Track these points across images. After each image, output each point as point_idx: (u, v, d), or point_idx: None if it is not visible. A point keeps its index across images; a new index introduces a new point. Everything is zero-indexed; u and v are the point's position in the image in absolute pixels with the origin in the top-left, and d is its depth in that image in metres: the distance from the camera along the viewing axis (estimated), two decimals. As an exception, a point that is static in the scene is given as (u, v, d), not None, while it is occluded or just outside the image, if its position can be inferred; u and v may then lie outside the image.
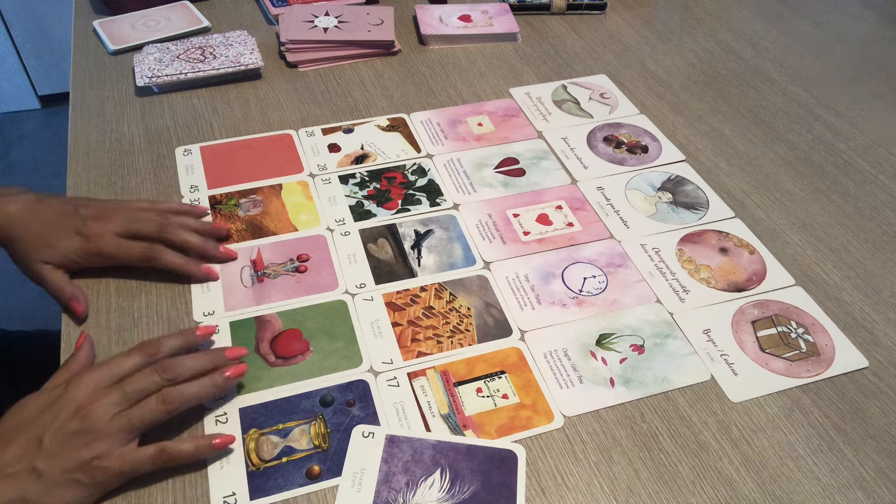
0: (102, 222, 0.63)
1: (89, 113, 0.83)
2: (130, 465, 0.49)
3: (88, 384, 0.50)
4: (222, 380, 0.53)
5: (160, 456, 0.49)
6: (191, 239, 0.64)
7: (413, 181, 0.75)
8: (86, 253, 0.62)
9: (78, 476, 0.47)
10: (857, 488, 0.52)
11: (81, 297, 0.62)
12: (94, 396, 0.50)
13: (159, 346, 0.54)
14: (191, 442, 0.51)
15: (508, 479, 0.51)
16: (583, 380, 0.58)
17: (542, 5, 1.03)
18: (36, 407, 0.50)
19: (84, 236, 0.62)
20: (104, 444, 0.48)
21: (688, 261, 0.68)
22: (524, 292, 0.64)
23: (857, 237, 0.71)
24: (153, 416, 0.50)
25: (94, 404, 0.49)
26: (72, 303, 0.61)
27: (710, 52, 0.97)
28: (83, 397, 0.49)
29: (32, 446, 0.48)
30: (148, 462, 0.49)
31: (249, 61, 0.87)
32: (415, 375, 0.58)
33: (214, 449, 0.51)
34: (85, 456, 0.47)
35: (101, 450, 0.48)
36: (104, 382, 0.51)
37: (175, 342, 0.55)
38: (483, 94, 0.88)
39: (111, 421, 0.49)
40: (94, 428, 0.48)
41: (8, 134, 2.05)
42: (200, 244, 0.65)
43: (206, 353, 0.55)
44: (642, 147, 0.81)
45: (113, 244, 0.62)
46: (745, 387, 0.58)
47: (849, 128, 0.85)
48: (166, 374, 0.52)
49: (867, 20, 1.05)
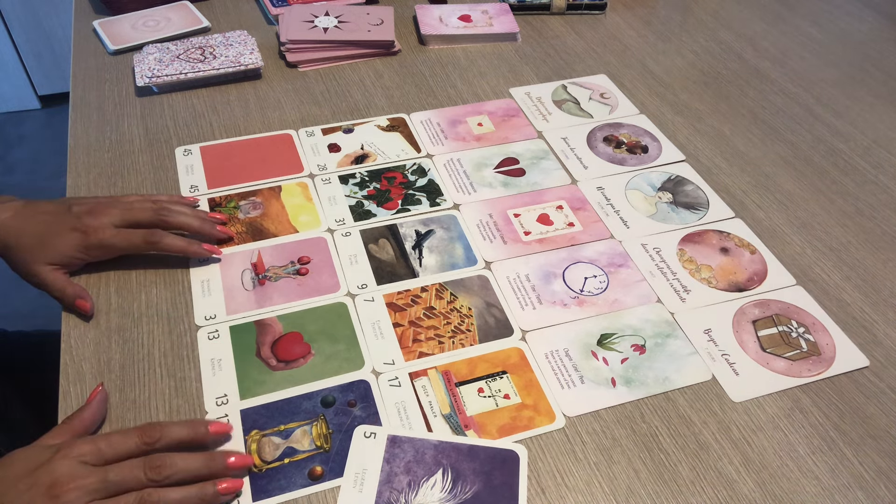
0: (98, 216, 0.62)
1: (89, 113, 0.83)
2: None
3: (73, 460, 0.47)
4: (212, 494, 0.49)
5: None
6: (188, 221, 0.65)
7: (413, 181, 0.75)
8: (86, 247, 0.62)
9: None
10: (857, 488, 0.52)
11: (86, 295, 0.61)
12: (73, 476, 0.47)
13: (161, 435, 0.50)
14: None
15: (510, 480, 0.51)
16: (584, 380, 0.58)
17: (542, 5, 1.03)
18: (19, 468, 0.48)
19: (81, 231, 0.61)
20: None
21: (689, 261, 0.68)
22: (525, 292, 0.64)
23: (857, 237, 0.71)
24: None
25: (71, 485, 0.46)
26: (77, 302, 0.61)
27: (710, 52, 0.98)
28: (62, 474, 0.47)
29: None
30: None
31: (249, 61, 0.87)
32: (416, 375, 0.58)
33: None
34: None
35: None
36: (90, 460, 0.48)
37: (180, 433, 0.51)
38: (483, 94, 0.88)
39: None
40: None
41: (8, 134, 2.05)
42: (198, 225, 0.65)
43: (206, 457, 0.51)
44: (642, 147, 0.81)
45: (112, 234, 0.62)
46: (746, 386, 0.58)
47: (849, 128, 0.85)
48: (153, 473, 0.48)
49: (867, 20, 1.06)
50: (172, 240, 0.63)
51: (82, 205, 0.63)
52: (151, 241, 0.63)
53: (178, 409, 0.55)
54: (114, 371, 0.57)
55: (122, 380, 0.57)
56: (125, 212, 0.63)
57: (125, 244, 0.63)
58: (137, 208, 0.64)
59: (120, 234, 0.62)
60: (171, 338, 0.60)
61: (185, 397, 0.56)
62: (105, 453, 0.49)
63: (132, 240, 0.63)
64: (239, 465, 0.51)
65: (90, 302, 0.61)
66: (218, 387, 0.56)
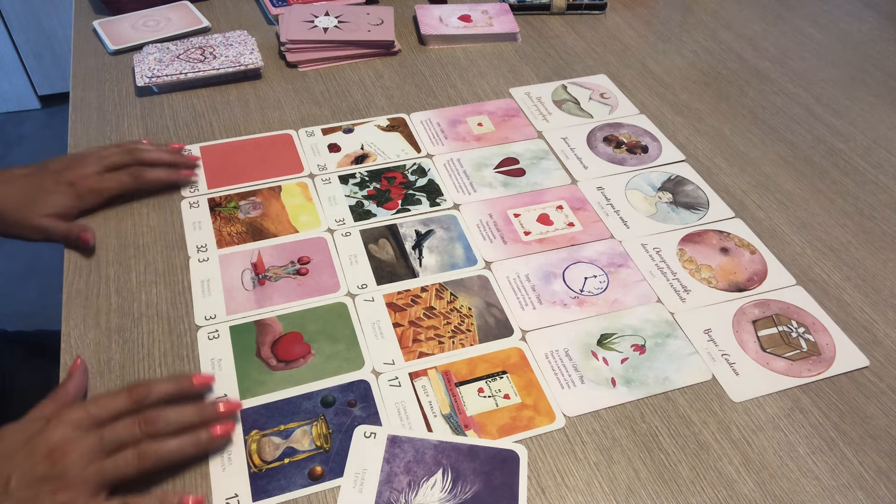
0: (77, 168, 0.67)
1: (89, 113, 0.83)
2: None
3: (67, 425, 0.48)
4: (206, 438, 0.51)
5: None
6: (160, 155, 0.72)
7: (413, 181, 0.75)
8: (76, 197, 0.66)
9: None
10: (857, 488, 0.52)
11: (87, 227, 0.65)
12: (70, 440, 0.47)
13: (149, 392, 0.51)
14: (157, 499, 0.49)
15: (510, 480, 0.51)
16: (584, 380, 0.58)
17: (542, 5, 1.03)
18: (12, 442, 0.48)
19: (68, 183, 0.66)
20: (71, 493, 0.46)
21: (689, 261, 0.68)
22: (525, 292, 0.64)
23: (857, 237, 0.71)
24: (126, 470, 0.48)
25: (68, 448, 0.47)
26: (82, 234, 0.65)
27: (710, 52, 0.98)
28: (58, 439, 0.47)
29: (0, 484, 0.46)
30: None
31: (249, 61, 0.87)
32: (416, 375, 0.58)
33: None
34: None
35: (66, 499, 0.46)
36: (84, 425, 0.49)
37: (167, 388, 0.52)
38: (483, 94, 0.88)
39: (82, 469, 0.47)
40: (64, 475, 0.46)
41: (8, 134, 2.05)
42: (170, 157, 0.72)
43: (196, 406, 0.52)
44: (642, 147, 0.81)
45: (99, 180, 0.67)
46: (747, 386, 0.58)
47: (849, 128, 0.85)
48: (148, 427, 0.49)
49: (867, 20, 1.06)
50: (155, 172, 0.70)
51: (57, 163, 0.68)
52: (138, 175, 0.68)
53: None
54: (114, 371, 0.57)
55: (122, 380, 0.57)
56: (101, 159, 0.68)
57: (115, 184, 0.68)
58: (112, 154, 0.69)
59: (107, 177, 0.67)
60: (171, 338, 0.60)
61: (185, 397, 0.56)
62: (97, 416, 0.49)
63: (120, 179, 0.68)
64: (229, 409, 0.53)
65: (92, 232, 0.66)
66: (218, 387, 0.56)
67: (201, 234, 0.69)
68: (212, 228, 0.69)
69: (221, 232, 0.69)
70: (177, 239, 0.68)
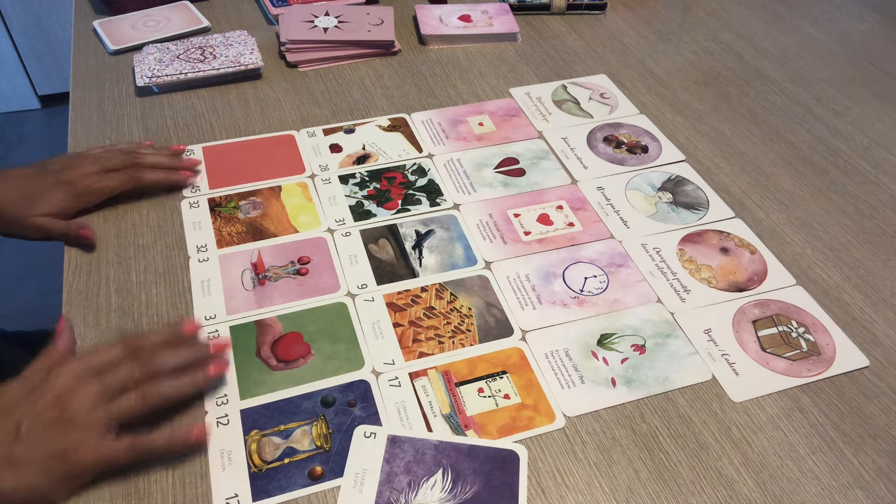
0: (76, 168, 0.67)
1: (89, 113, 0.83)
2: (104, 457, 0.49)
3: (68, 374, 0.50)
4: (202, 377, 0.54)
5: (134, 449, 0.50)
6: (158, 158, 0.72)
7: (413, 181, 0.75)
8: (75, 196, 0.66)
9: (52, 465, 0.47)
10: (857, 488, 0.52)
11: (86, 224, 0.66)
12: (74, 387, 0.49)
13: (142, 341, 0.54)
14: (164, 437, 0.51)
15: (510, 480, 0.51)
16: (584, 380, 0.58)
17: (542, 5, 1.03)
18: (16, 393, 0.50)
19: (67, 183, 0.66)
20: (81, 434, 0.48)
21: (689, 261, 0.68)
22: (525, 292, 0.64)
23: (857, 237, 0.71)
24: (131, 409, 0.50)
25: (74, 394, 0.49)
26: (81, 231, 0.65)
27: (710, 52, 0.98)
28: (63, 386, 0.49)
29: (10, 432, 0.47)
30: (122, 455, 0.49)
31: (249, 61, 0.87)
32: (416, 375, 0.58)
33: (188, 445, 0.52)
34: (61, 446, 0.48)
35: (76, 440, 0.48)
36: (84, 374, 0.50)
37: (159, 337, 0.55)
38: (483, 94, 0.88)
39: (90, 412, 0.49)
40: (72, 418, 0.48)
41: (8, 134, 2.05)
42: (168, 160, 0.72)
43: (189, 348, 0.55)
44: (642, 147, 0.81)
45: (96, 181, 0.67)
46: (747, 386, 0.58)
47: (849, 128, 0.85)
48: (146, 369, 0.52)
49: (867, 20, 1.06)
50: (153, 173, 0.70)
51: (56, 162, 0.68)
52: (135, 176, 0.69)
53: (178, 408, 0.55)
54: (114, 371, 0.57)
55: (122, 380, 0.57)
56: (100, 160, 0.68)
57: (114, 183, 0.68)
58: (110, 156, 0.69)
59: (105, 178, 0.68)
60: (171, 338, 0.60)
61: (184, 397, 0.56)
62: (95, 366, 0.51)
63: (119, 178, 0.68)
64: (220, 348, 0.57)
65: (90, 229, 0.66)
66: (218, 387, 0.56)
67: (201, 234, 0.69)
68: (212, 228, 0.69)
69: (221, 232, 0.69)
70: (177, 239, 0.68)
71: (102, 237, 0.68)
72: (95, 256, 0.66)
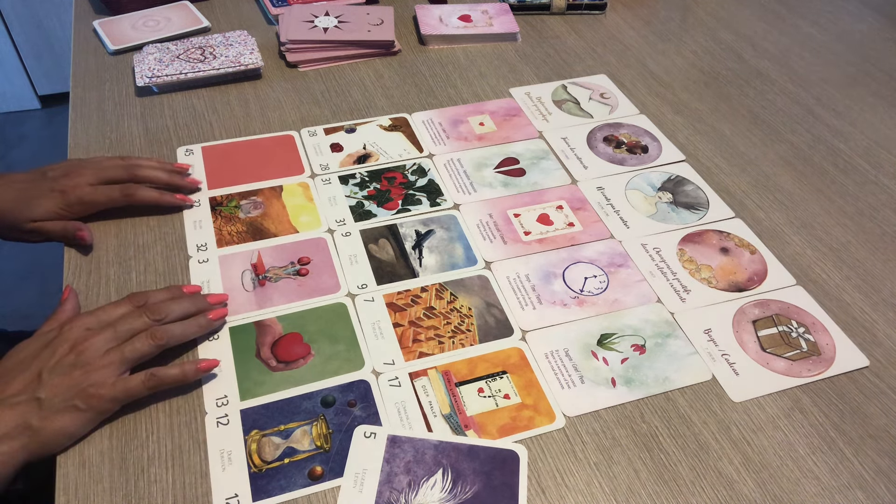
0: (73, 177, 0.67)
1: (89, 113, 0.83)
2: (123, 391, 0.53)
3: (80, 327, 0.55)
4: (206, 321, 0.58)
5: (150, 380, 0.53)
6: (157, 174, 0.70)
7: (413, 181, 0.75)
8: (67, 205, 0.66)
9: (76, 402, 0.51)
10: (857, 488, 0.52)
11: (83, 226, 0.66)
12: (88, 335, 0.54)
13: (148, 296, 0.58)
14: (177, 367, 0.55)
15: (510, 480, 0.51)
16: (584, 380, 0.58)
17: (542, 5, 1.03)
18: (32, 348, 0.54)
19: (60, 191, 0.66)
20: (98, 374, 0.52)
21: (689, 261, 0.68)
22: (525, 292, 0.64)
23: (857, 237, 0.71)
24: (144, 349, 0.54)
25: (88, 341, 0.53)
26: (78, 233, 0.65)
27: (710, 52, 0.98)
28: (77, 336, 0.54)
29: (33, 380, 0.52)
30: (140, 387, 0.53)
31: (249, 61, 0.87)
32: (416, 375, 0.58)
33: (200, 372, 0.56)
34: (81, 384, 0.52)
35: (95, 379, 0.52)
36: (95, 325, 0.55)
37: (162, 294, 0.59)
38: (483, 94, 0.88)
39: (104, 355, 0.53)
40: (89, 361, 0.52)
41: (8, 134, 2.05)
42: (167, 177, 0.71)
43: (190, 299, 0.59)
44: (642, 147, 0.81)
45: (90, 192, 0.67)
46: (747, 386, 0.58)
47: (849, 128, 0.85)
48: (154, 315, 0.56)
49: (867, 20, 1.06)
50: (147, 192, 0.69)
51: (56, 169, 0.68)
52: (128, 193, 0.68)
53: (178, 408, 0.55)
54: (114, 371, 0.57)
55: (122, 380, 0.57)
56: (98, 171, 0.68)
57: (104, 198, 0.68)
58: (109, 166, 0.69)
59: (98, 190, 0.67)
60: (171, 338, 0.60)
61: (184, 397, 0.56)
62: (104, 319, 0.56)
63: (110, 194, 0.68)
64: (218, 299, 0.61)
65: (87, 230, 0.66)
66: (218, 387, 0.56)
67: (202, 233, 0.69)
68: (212, 227, 0.69)
69: (222, 231, 0.69)
70: (177, 239, 0.68)
71: (102, 237, 0.68)
72: (95, 256, 0.66)
